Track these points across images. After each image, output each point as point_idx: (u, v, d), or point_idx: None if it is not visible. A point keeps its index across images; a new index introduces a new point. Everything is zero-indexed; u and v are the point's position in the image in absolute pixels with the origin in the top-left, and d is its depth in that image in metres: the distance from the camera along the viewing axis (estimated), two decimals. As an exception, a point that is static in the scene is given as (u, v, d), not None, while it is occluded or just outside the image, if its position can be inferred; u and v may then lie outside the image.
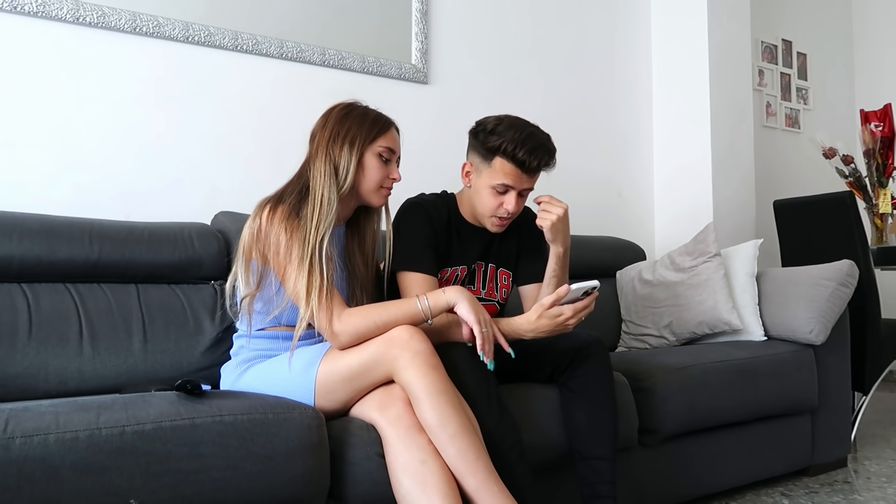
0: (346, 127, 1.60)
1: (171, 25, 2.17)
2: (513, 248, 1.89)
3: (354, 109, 1.65)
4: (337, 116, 1.62)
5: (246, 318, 1.59)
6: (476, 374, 1.49)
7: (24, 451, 1.12)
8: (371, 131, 1.61)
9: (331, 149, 1.58)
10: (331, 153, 1.58)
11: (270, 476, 1.31)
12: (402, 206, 1.79)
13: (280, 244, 1.50)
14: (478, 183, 1.73)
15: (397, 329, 1.44)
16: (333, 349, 1.50)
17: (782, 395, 2.26)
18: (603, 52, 3.27)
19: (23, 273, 1.70)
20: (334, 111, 1.64)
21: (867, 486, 2.29)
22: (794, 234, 3.01)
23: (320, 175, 1.56)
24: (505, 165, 1.68)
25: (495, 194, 1.70)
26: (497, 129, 1.68)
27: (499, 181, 1.69)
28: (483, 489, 1.34)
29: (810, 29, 4.35)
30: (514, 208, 1.71)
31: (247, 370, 1.59)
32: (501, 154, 1.67)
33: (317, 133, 1.63)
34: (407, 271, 1.69)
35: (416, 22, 2.68)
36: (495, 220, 1.75)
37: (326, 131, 1.60)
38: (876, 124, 3.16)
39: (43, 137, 1.99)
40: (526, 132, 1.67)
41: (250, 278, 1.57)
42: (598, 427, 1.65)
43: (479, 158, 1.72)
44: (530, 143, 1.66)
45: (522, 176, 1.69)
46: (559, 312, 1.59)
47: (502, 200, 1.71)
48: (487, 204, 1.72)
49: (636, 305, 2.59)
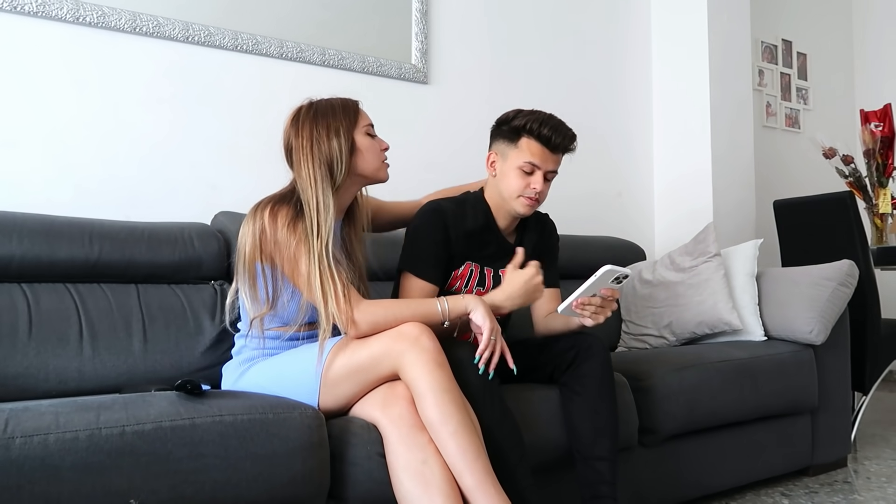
0: (323, 123, 1.57)
1: (171, 25, 2.17)
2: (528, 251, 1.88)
3: (318, 106, 1.62)
4: (306, 119, 1.59)
5: (259, 339, 1.58)
6: (478, 374, 1.49)
7: (24, 451, 1.12)
8: (349, 116, 1.61)
9: (317, 149, 1.55)
10: (319, 153, 1.55)
11: (270, 476, 1.31)
12: (422, 208, 1.80)
13: (289, 248, 1.49)
14: (504, 167, 1.77)
15: (407, 325, 1.45)
16: (339, 344, 1.50)
17: (782, 395, 2.26)
18: (603, 52, 3.27)
19: (23, 273, 1.70)
20: (300, 117, 1.60)
21: (867, 486, 2.29)
22: (794, 234, 3.01)
23: (310, 180, 1.53)
24: (531, 144, 1.74)
25: (522, 175, 1.75)
26: (519, 115, 1.76)
27: (525, 160, 1.73)
28: (479, 488, 1.34)
29: (810, 29, 4.35)
30: (542, 187, 1.75)
31: (249, 368, 1.59)
32: (527, 133, 1.74)
33: (292, 143, 1.59)
34: (410, 274, 1.73)
35: (416, 22, 2.68)
36: (524, 200, 1.76)
37: (304, 137, 1.56)
38: (876, 124, 3.16)
39: (43, 138, 1.99)
40: (546, 114, 1.76)
41: (258, 293, 1.55)
42: (598, 427, 1.65)
43: (504, 144, 1.78)
44: (553, 121, 1.75)
45: (548, 154, 1.74)
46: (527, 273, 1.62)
47: (529, 181, 1.75)
48: (515, 185, 1.75)
49: (636, 305, 2.60)
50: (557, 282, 1.94)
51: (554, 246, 1.97)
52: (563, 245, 2.60)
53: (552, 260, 1.94)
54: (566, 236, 2.69)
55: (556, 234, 1.99)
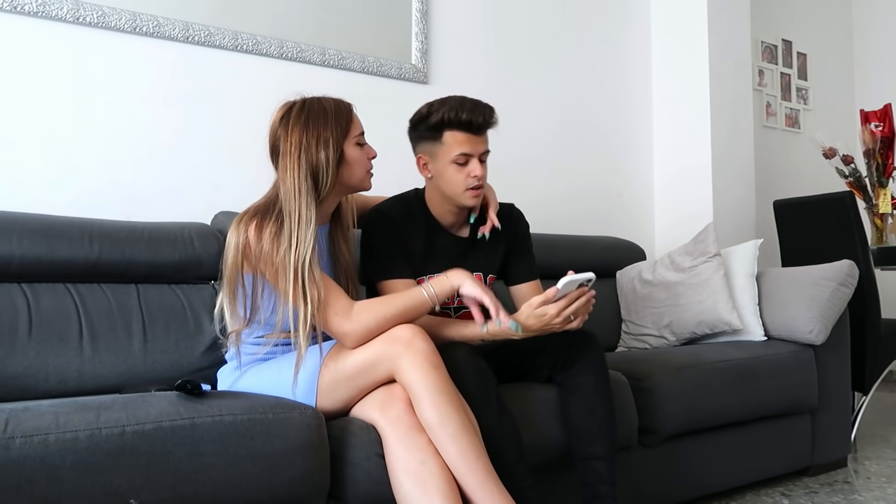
0: (313, 130, 1.52)
1: (171, 25, 2.17)
2: (499, 254, 1.86)
3: (311, 107, 1.55)
4: (297, 122, 1.52)
5: (235, 348, 1.57)
6: (476, 374, 1.50)
7: (24, 451, 1.12)
8: (340, 124, 1.55)
9: (305, 157, 1.50)
10: (307, 161, 1.50)
11: (270, 476, 1.31)
12: (365, 218, 1.77)
13: (274, 263, 1.46)
14: (437, 167, 1.72)
15: (400, 328, 1.45)
16: (335, 349, 1.50)
17: (782, 395, 2.26)
18: (603, 52, 3.27)
19: (23, 273, 1.70)
20: (291, 117, 1.53)
21: (867, 486, 2.29)
22: (794, 234, 3.01)
23: (294, 191, 1.48)
24: (456, 135, 1.67)
25: (458, 168, 1.69)
26: (431, 110, 1.69)
27: (456, 152, 1.67)
28: (482, 489, 1.34)
29: (810, 29, 4.35)
30: (481, 172, 1.69)
31: (246, 372, 1.58)
32: (448, 126, 1.67)
33: (280, 144, 1.53)
34: (383, 281, 1.69)
35: (416, 22, 2.68)
36: (470, 193, 1.71)
37: (293, 143, 1.50)
38: (876, 124, 3.16)
39: (43, 138, 1.99)
40: (457, 99, 1.69)
41: (237, 308, 1.52)
42: (594, 426, 1.64)
43: (428, 144, 1.72)
44: (467, 104, 1.67)
45: (475, 138, 1.68)
46: (544, 312, 1.58)
47: (467, 171, 1.69)
48: (455, 180, 1.70)
49: (636, 305, 2.60)
50: (536, 273, 1.89)
51: (523, 236, 1.89)
52: (563, 245, 2.62)
53: (525, 251, 1.88)
54: (566, 236, 2.71)
55: (524, 223, 1.92)
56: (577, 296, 1.58)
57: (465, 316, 1.78)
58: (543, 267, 1.96)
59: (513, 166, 2.85)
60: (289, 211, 1.48)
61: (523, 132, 2.95)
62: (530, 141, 2.98)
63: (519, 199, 1.96)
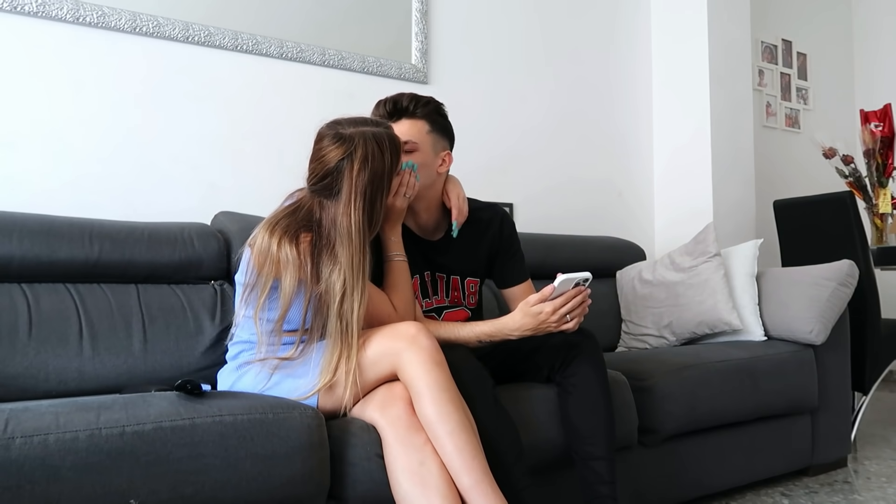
0: (379, 187, 1.47)
1: (171, 25, 2.17)
2: (482, 255, 1.83)
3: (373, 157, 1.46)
4: (363, 169, 1.44)
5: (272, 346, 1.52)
6: (475, 375, 1.49)
7: (24, 451, 1.12)
8: (391, 180, 1.51)
9: (368, 213, 1.46)
10: (370, 216, 1.47)
11: (270, 476, 1.31)
12: None
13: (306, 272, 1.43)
14: None
15: (404, 324, 1.45)
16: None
17: (782, 395, 2.26)
18: (603, 52, 3.27)
19: (23, 273, 1.70)
20: (356, 159, 1.44)
21: (867, 486, 2.29)
22: (794, 234, 3.01)
23: (352, 231, 1.43)
24: None
25: None
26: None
27: None
28: (476, 488, 1.34)
29: (810, 29, 4.35)
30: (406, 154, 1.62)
31: (247, 372, 1.58)
32: None
33: (343, 182, 1.44)
34: None
35: (416, 22, 2.68)
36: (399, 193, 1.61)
37: (356, 193, 1.44)
38: (876, 124, 3.16)
39: (43, 138, 1.99)
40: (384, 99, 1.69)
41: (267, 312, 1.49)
42: (593, 427, 1.63)
43: None
44: (388, 99, 1.68)
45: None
46: (539, 310, 1.58)
47: None
48: None
49: (636, 305, 2.60)
50: (527, 274, 1.87)
51: (508, 237, 1.84)
52: (562, 245, 2.62)
53: (512, 252, 1.85)
54: (566, 236, 2.71)
55: (508, 223, 1.86)
56: (574, 295, 1.58)
57: (452, 317, 1.78)
58: (543, 267, 1.96)
59: (513, 166, 2.85)
60: (339, 258, 1.44)
61: (523, 132, 2.96)
62: (530, 140, 2.98)
63: (519, 199, 1.96)
